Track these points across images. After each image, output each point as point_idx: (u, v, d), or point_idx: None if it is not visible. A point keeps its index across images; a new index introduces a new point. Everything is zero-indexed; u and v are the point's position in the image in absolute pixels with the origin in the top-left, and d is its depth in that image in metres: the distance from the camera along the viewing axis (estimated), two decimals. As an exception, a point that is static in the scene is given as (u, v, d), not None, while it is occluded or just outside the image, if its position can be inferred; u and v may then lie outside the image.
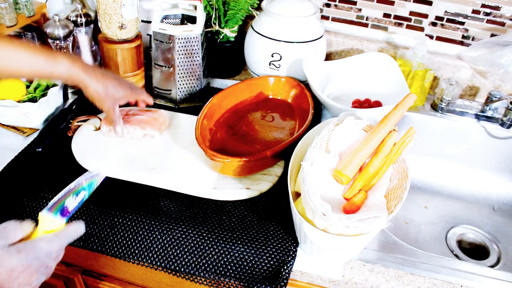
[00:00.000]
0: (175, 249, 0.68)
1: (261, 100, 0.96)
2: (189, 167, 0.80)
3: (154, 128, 0.84)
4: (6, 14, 0.91)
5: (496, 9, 0.98)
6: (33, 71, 0.68)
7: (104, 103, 0.75)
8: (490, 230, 0.96)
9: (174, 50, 0.89)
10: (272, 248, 0.67)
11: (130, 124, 0.84)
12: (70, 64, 0.70)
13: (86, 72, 0.71)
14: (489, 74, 1.03)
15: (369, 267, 0.66)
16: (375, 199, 0.62)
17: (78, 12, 0.95)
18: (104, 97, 0.75)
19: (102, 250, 0.70)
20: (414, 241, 0.91)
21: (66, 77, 0.71)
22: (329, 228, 0.58)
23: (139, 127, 0.83)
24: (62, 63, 0.69)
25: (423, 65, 0.99)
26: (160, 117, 0.87)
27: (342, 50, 1.11)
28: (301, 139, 0.73)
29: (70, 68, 0.69)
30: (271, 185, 0.77)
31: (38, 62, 0.67)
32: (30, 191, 0.73)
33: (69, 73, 0.70)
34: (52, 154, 0.81)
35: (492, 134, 1.00)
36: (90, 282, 0.86)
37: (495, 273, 0.67)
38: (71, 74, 0.70)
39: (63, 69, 0.69)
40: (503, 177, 1.02)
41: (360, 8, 1.08)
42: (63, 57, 0.70)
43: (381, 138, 0.66)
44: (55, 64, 0.68)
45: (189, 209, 0.72)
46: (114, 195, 0.74)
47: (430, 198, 1.02)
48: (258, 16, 0.99)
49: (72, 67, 0.70)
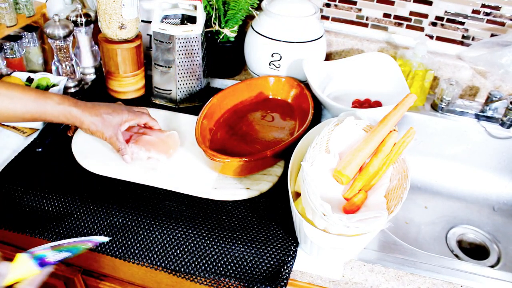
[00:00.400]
0: (175, 249, 0.68)
1: (261, 100, 0.96)
2: (189, 167, 0.80)
3: (160, 152, 0.79)
4: (6, 14, 0.91)
5: (496, 9, 0.98)
6: (25, 112, 0.67)
7: (104, 134, 0.74)
8: (490, 230, 0.96)
9: (174, 50, 0.89)
10: (272, 248, 0.67)
11: (136, 145, 0.79)
12: (60, 101, 0.69)
13: (77, 106, 0.71)
14: (489, 74, 1.03)
15: (369, 267, 0.66)
16: (375, 199, 0.62)
17: (78, 12, 0.95)
18: (102, 127, 0.73)
19: (102, 250, 0.70)
20: (414, 241, 0.91)
21: (58, 115, 0.70)
22: (329, 228, 0.58)
23: (144, 149, 0.78)
24: (52, 100, 0.69)
25: (423, 65, 0.99)
26: (169, 139, 0.81)
27: (342, 50, 1.11)
28: (301, 139, 0.73)
29: (60, 105, 0.69)
30: (271, 185, 0.77)
31: (29, 102, 0.67)
32: (30, 191, 0.73)
33: (60, 110, 0.69)
34: (52, 154, 0.81)
35: (492, 134, 1.00)
36: (90, 282, 0.86)
37: (495, 273, 0.67)
38: (63, 112, 0.70)
39: (53, 106, 0.68)
40: (503, 177, 1.02)
41: (360, 8, 1.08)
42: (52, 94, 0.70)
43: (381, 138, 0.66)
44: (45, 102, 0.68)
45: (189, 209, 0.72)
46: (114, 195, 0.74)
47: (430, 198, 1.02)
48: (258, 16, 0.99)
49: (62, 104, 0.69)
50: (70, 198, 0.72)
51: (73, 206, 0.72)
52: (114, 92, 0.95)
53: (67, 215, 0.71)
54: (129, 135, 0.81)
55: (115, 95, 0.95)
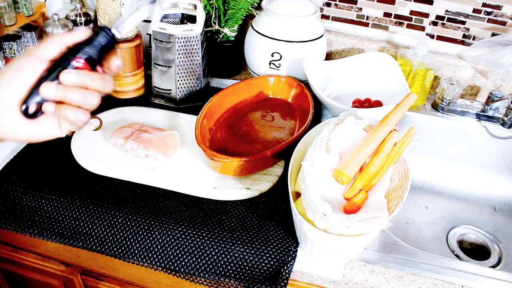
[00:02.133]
0: (175, 249, 0.68)
1: (261, 100, 0.96)
2: (189, 167, 0.79)
3: (158, 150, 0.78)
4: (5, 13, 0.91)
5: (497, 8, 0.98)
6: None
7: None
8: (491, 230, 0.95)
9: (174, 49, 0.89)
10: (272, 248, 0.66)
11: (136, 141, 0.79)
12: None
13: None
14: (490, 74, 1.03)
15: (369, 267, 0.66)
16: (376, 199, 0.62)
17: (78, 11, 0.95)
18: None
19: (101, 250, 0.70)
20: (414, 241, 0.91)
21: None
22: (329, 228, 0.57)
23: (142, 146, 0.78)
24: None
25: (424, 64, 0.98)
26: (169, 138, 0.81)
27: (343, 49, 1.11)
28: (301, 139, 0.73)
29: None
30: (271, 185, 0.76)
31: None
32: (30, 191, 0.73)
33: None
34: (52, 154, 0.81)
35: (493, 134, 0.99)
36: (89, 283, 0.86)
37: (496, 274, 0.66)
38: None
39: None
40: (504, 177, 1.02)
41: (360, 8, 1.07)
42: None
43: (382, 138, 0.66)
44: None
45: (189, 209, 0.72)
46: (114, 195, 0.73)
47: (431, 198, 1.02)
48: (258, 16, 0.99)
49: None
50: (70, 198, 0.72)
51: (72, 206, 0.71)
52: (114, 92, 0.95)
53: (66, 215, 0.71)
54: (131, 132, 0.81)
55: (114, 94, 0.95)
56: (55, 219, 0.72)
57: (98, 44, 0.45)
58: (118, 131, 0.81)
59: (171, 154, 0.81)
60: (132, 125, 0.83)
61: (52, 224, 0.71)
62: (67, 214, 0.71)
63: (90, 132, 0.85)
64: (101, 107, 0.92)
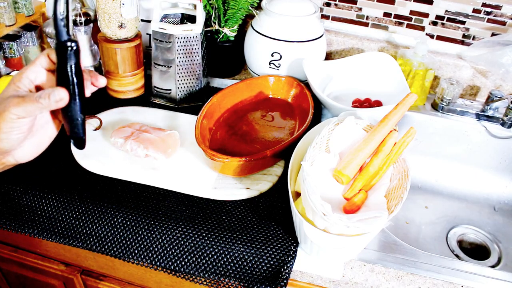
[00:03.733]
0: (175, 249, 0.68)
1: (261, 100, 0.96)
2: (189, 167, 0.79)
3: (158, 150, 0.78)
4: (5, 13, 0.91)
5: (497, 8, 0.98)
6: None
7: None
8: (491, 230, 0.95)
9: (174, 49, 0.89)
10: (272, 248, 0.66)
11: (135, 141, 0.79)
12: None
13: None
14: (490, 74, 1.03)
15: (369, 267, 0.66)
16: (376, 199, 0.62)
17: (77, 11, 0.95)
18: None
19: (101, 250, 0.70)
20: (414, 241, 0.91)
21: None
22: (329, 228, 0.57)
23: (142, 146, 0.78)
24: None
25: (424, 64, 0.98)
26: (169, 138, 0.81)
27: (343, 49, 1.11)
28: (301, 138, 0.73)
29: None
30: (271, 185, 0.76)
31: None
32: (30, 191, 0.73)
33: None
34: (52, 154, 0.80)
35: (493, 134, 0.99)
36: (89, 282, 0.86)
37: (496, 273, 0.66)
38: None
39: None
40: (504, 177, 1.02)
41: (360, 7, 1.07)
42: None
43: (382, 137, 0.66)
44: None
45: (189, 209, 0.72)
46: (114, 195, 0.73)
47: (431, 198, 1.02)
48: (258, 15, 0.99)
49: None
50: (70, 198, 0.72)
51: (72, 205, 0.71)
52: (114, 91, 0.95)
53: (66, 215, 0.71)
54: (130, 132, 0.81)
55: (114, 94, 0.95)
56: (55, 219, 0.72)
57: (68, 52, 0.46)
58: (118, 131, 0.82)
59: (171, 154, 0.81)
60: (132, 125, 0.83)
61: (52, 224, 0.71)
62: (67, 214, 0.71)
63: (90, 132, 0.85)
64: (101, 107, 0.93)
